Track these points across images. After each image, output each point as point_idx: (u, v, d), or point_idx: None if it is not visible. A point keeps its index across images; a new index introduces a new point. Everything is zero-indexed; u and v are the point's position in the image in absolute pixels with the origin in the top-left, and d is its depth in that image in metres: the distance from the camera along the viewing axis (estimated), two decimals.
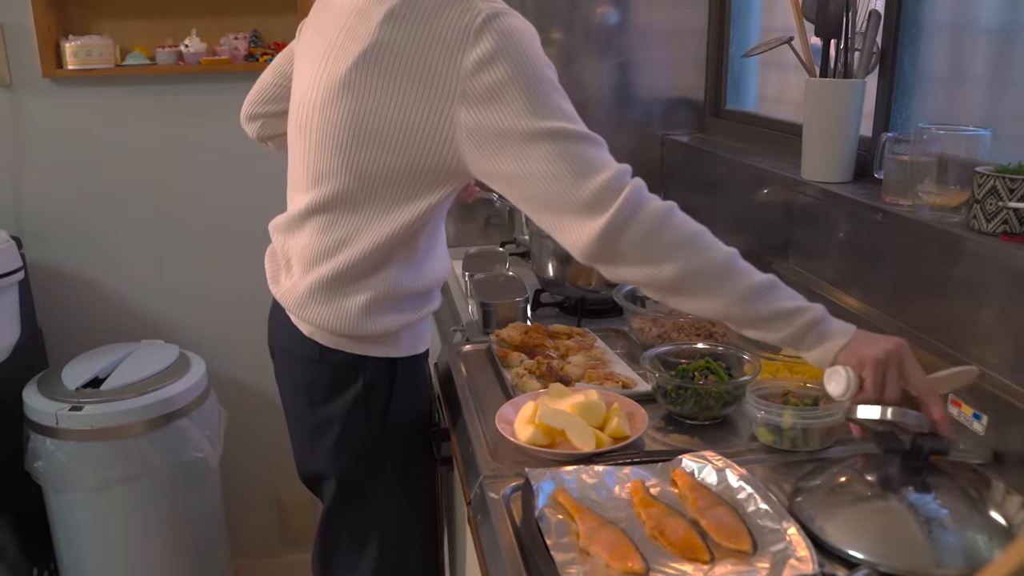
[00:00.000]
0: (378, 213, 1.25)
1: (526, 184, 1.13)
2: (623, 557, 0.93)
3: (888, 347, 1.07)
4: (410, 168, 1.21)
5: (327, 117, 1.23)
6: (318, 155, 1.27)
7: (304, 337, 1.34)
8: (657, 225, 1.10)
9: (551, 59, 1.24)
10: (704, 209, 2.16)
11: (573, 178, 1.09)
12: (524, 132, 1.11)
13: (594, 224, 1.09)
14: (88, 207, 2.38)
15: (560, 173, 1.10)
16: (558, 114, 1.13)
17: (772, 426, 1.20)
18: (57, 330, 2.41)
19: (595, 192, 1.09)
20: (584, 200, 1.09)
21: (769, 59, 2.01)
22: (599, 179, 1.09)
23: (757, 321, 1.12)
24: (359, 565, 1.43)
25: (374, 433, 1.37)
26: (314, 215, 1.30)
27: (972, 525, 0.98)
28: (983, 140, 1.28)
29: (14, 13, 2.20)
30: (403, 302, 1.33)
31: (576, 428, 1.19)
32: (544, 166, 1.11)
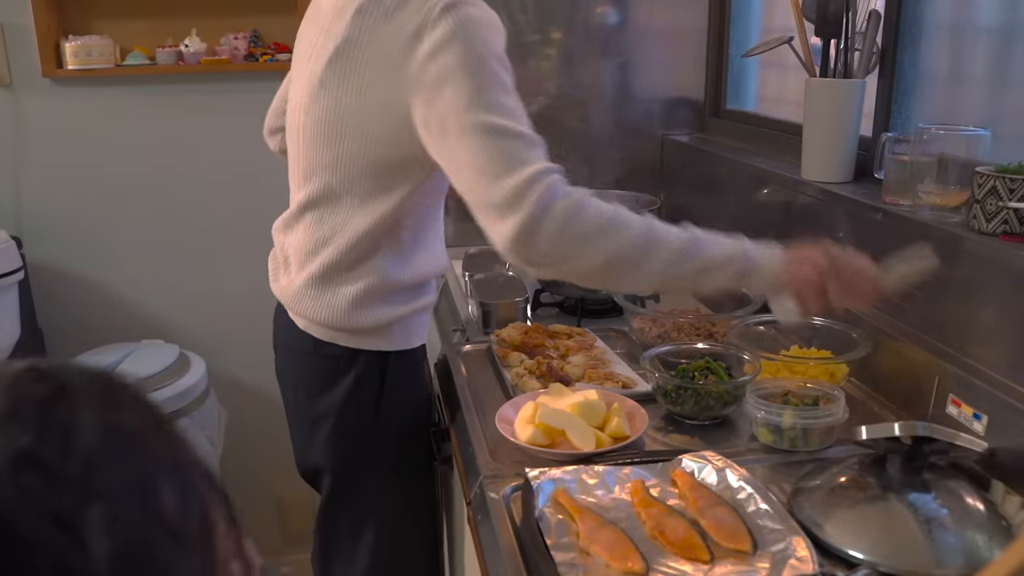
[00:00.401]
0: (359, 205, 1.27)
1: (461, 176, 1.15)
2: (623, 557, 0.93)
3: (818, 261, 1.12)
4: (384, 158, 1.23)
5: (311, 116, 1.27)
6: (306, 154, 1.31)
7: (300, 331, 1.37)
8: (568, 221, 1.09)
9: (550, 59, 1.25)
10: (704, 209, 2.16)
11: (494, 176, 1.09)
12: (461, 122, 1.11)
13: (508, 225, 1.08)
14: (88, 207, 2.38)
15: (484, 169, 1.10)
16: (498, 109, 1.12)
17: (772, 426, 1.20)
18: (57, 330, 2.41)
19: (510, 192, 1.08)
20: (500, 199, 1.09)
21: (769, 59, 2.01)
22: (515, 179, 1.08)
23: (692, 280, 1.15)
24: (356, 559, 1.44)
25: (366, 426, 1.38)
26: (306, 212, 1.33)
27: (972, 525, 0.98)
28: (983, 140, 1.28)
29: (14, 13, 2.20)
30: (393, 295, 1.34)
31: (576, 428, 1.19)
32: (473, 159, 1.11)
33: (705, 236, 1.15)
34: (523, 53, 2.28)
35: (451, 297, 1.97)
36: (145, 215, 2.42)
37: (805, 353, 1.41)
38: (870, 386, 1.38)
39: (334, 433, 1.38)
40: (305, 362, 1.39)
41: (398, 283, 1.34)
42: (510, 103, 1.14)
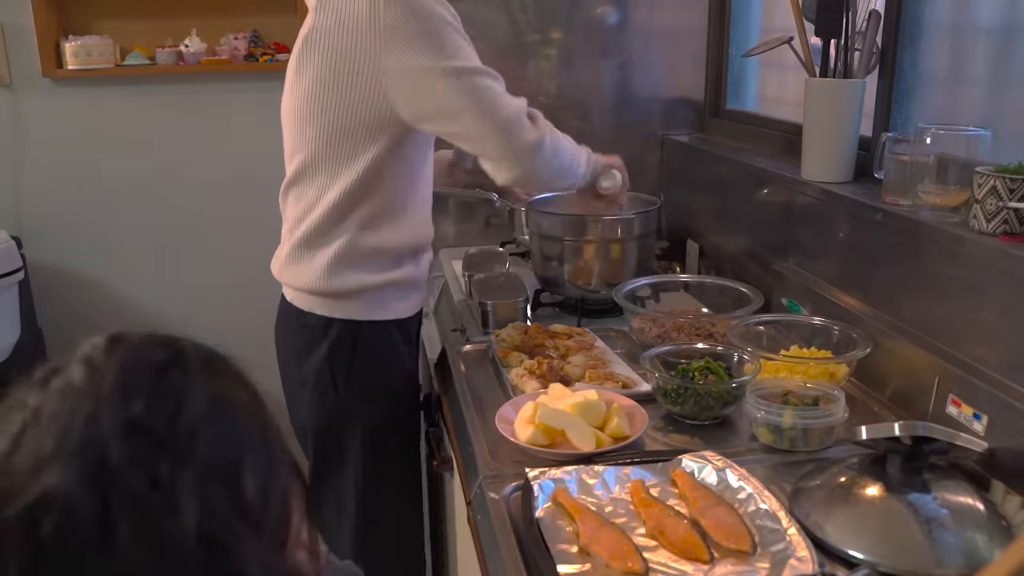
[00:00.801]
0: (332, 175, 1.42)
1: (460, 120, 1.34)
2: (623, 557, 0.93)
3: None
4: (351, 127, 1.38)
5: (292, 101, 1.44)
6: (289, 137, 1.48)
7: (287, 303, 1.51)
8: (557, 147, 1.40)
9: (550, 59, 1.34)
10: (704, 209, 2.16)
11: (492, 112, 1.32)
12: (432, 70, 1.30)
13: (525, 143, 1.34)
14: (88, 207, 2.38)
15: (479, 107, 1.32)
16: (459, 53, 1.32)
17: (772, 426, 1.20)
18: (57, 330, 2.41)
19: (508, 122, 1.32)
20: (511, 125, 1.33)
21: (769, 59, 2.01)
22: (508, 111, 1.33)
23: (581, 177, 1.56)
24: (341, 533, 1.52)
25: (340, 394, 1.47)
26: (291, 189, 1.49)
27: (972, 525, 0.98)
28: (983, 140, 1.27)
29: (14, 13, 2.20)
30: (363, 261, 1.46)
31: (576, 428, 1.19)
32: (463, 101, 1.31)
33: (584, 151, 1.55)
34: (523, 53, 2.28)
35: (451, 297, 1.97)
36: (145, 215, 2.42)
37: (805, 353, 1.40)
38: (870, 386, 1.38)
39: (312, 397, 1.48)
40: (290, 332, 1.51)
41: (368, 249, 1.46)
42: (467, 46, 1.34)
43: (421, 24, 1.30)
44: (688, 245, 2.18)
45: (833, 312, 1.48)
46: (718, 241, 2.07)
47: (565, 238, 1.81)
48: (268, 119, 1.68)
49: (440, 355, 1.67)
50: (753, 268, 1.84)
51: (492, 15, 2.24)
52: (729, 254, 2.00)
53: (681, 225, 2.26)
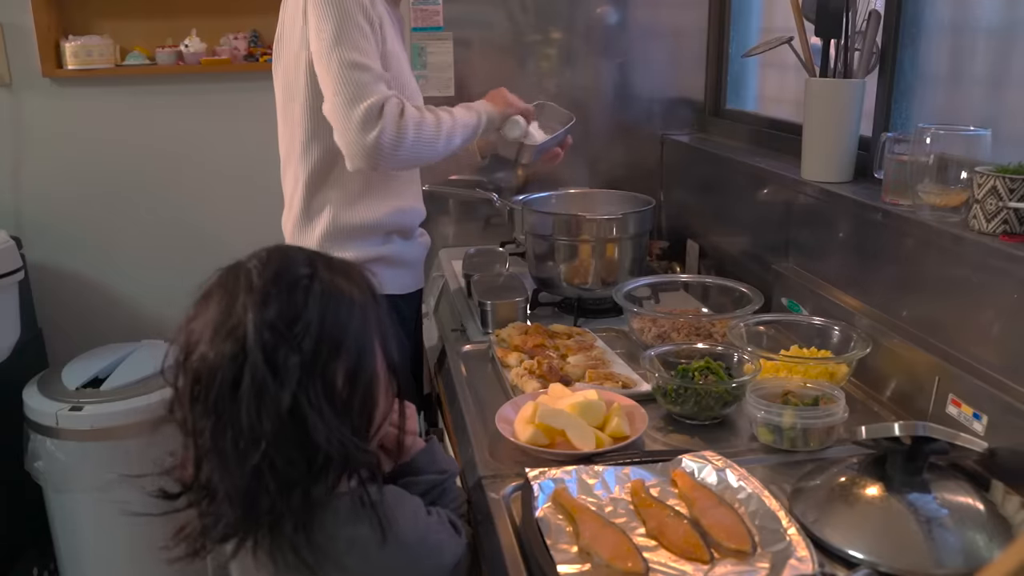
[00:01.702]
0: (303, 154, 1.53)
1: (328, 102, 1.41)
2: (623, 557, 0.93)
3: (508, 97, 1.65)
4: (311, 107, 1.49)
5: (277, 96, 1.60)
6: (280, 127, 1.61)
7: None
8: (408, 132, 1.41)
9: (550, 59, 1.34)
10: (704, 209, 2.16)
11: (350, 100, 1.37)
12: (328, 57, 1.39)
13: (367, 138, 1.37)
14: (88, 207, 2.38)
15: (343, 95, 1.38)
16: (355, 47, 1.40)
17: (772, 426, 1.20)
18: (57, 330, 2.42)
19: (363, 113, 1.37)
20: (357, 120, 1.37)
21: (769, 59, 2.01)
22: (368, 103, 1.37)
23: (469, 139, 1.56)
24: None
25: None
26: (284, 177, 1.62)
27: (972, 525, 0.98)
28: (983, 140, 1.27)
29: (14, 13, 2.20)
30: (346, 239, 1.56)
31: (576, 428, 1.19)
32: (335, 87, 1.39)
33: (453, 111, 1.54)
34: (523, 53, 2.28)
35: (451, 297, 1.97)
36: (145, 215, 2.42)
37: (805, 353, 1.40)
38: (870, 386, 1.38)
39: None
40: None
41: (350, 227, 1.56)
42: (364, 44, 1.41)
43: (331, 10, 1.40)
44: (688, 245, 2.18)
45: (833, 312, 1.48)
46: (718, 241, 2.07)
47: (559, 238, 1.81)
48: (268, 119, 1.68)
49: (440, 355, 1.67)
50: (753, 268, 1.84)
51: (492, 15, 2.25)
52: (729, 254, 2.00)
53: (681, 225, 2.26)
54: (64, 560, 2.19)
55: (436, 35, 2.22)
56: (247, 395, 0.84)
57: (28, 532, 2.25)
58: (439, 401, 1.57)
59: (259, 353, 0.84)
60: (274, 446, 0.84)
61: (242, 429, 0.84)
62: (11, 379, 2.15)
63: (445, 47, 2.23)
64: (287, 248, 0.95)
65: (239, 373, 0.84)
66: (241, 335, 0.85)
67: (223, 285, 0.90)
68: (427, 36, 2.22)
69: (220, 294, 0.89)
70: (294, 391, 0.85)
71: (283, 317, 0.86)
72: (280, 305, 0.87)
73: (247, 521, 0.87)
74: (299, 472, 0.86)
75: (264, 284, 0.88)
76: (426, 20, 2.20)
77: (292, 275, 0.89)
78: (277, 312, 0.86)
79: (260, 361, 0.84)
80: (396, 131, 1.39)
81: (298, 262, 0.91)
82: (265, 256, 0.92)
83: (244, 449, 0.84)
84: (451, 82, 2.24)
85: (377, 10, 1.46)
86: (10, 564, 2.25)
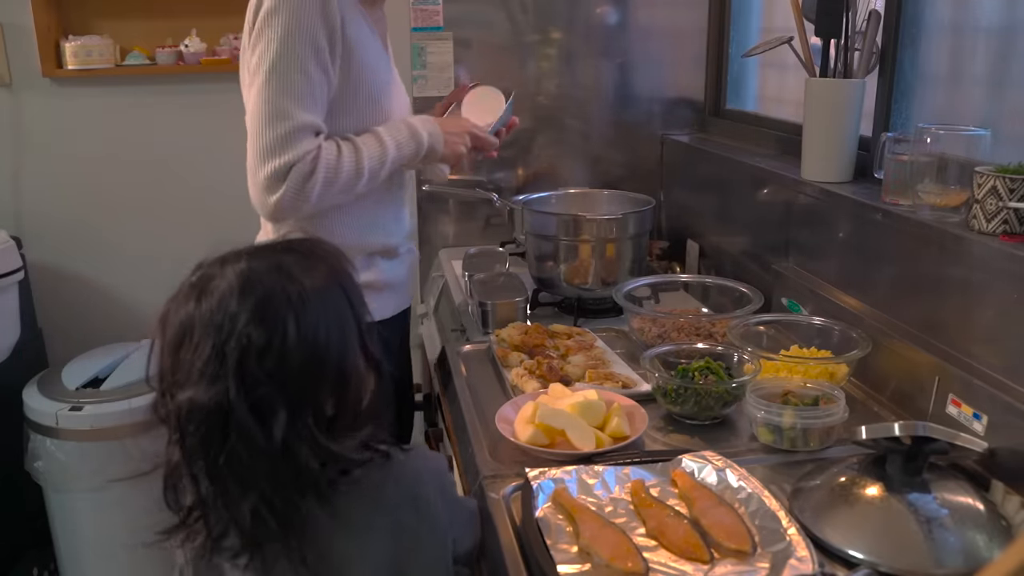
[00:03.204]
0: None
1: (248, 140, 1.36)
2: (623, 557, 0.93)
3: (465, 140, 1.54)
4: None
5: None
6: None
7: None
8: (315, 193, 1.35)
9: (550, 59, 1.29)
10: (704, 209, 2.16)
11: (264, 155, 1.33)
12: (255, 97, 1.34)
13: (272, 197, 1.34)
14: (88, 207, 2.38)
15: (257, 146, 1.34)
16: (285, 91, 1.33)
17: (772, 426, 1.20)
18: (57, 330, 2.41)
19: (271, 173, 1.32)
20: (263, 178, 1.33)
21: (769, 59, 2.01)
22: (277, 162, 1.32)
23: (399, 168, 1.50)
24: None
25: None
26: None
27: (972, 525, 0.98)
28: (983, 140, 1.27)
29: (14, 13, 2.20)
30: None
31: (576, 428, 1.19)
32: (252, 129, 1.35)
33: (395, 148, 1.44)
34: (523, 53, 2.28)
35: (451, 297, 1.97)
36: (145, 215, 2.41)
37: (805, 353, 1.40)
38: (870, 386, 1.38)
39: None
40: None
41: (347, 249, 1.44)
42: (300, 83, 1.33)
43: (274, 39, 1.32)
44: (688, 245, 2.18)
45: (833, 312, 1.48)
46: (718, 241, 2.07)
47: (560, 238, 1.81)
48: None
49: (440, 355, 1.67)
50: (753, 268, 1.84)
51: (492, 15, 2.25)
52: (729, 254, 2.00)
53: (681, 225, 2.26)
54: (64, 560, 2.19)
55: (436, 35, 2.22)
56: (237, 443, 0.84)
57: (28, 532, 2.24)
58: (439, 401, 1.57)
59: (243, 405, 0.83)
60: (270, 484, 0.85)
61: (236, 473, 0.85)
62: (11, 379, 2.15)
63: (445, 47, 2.23)
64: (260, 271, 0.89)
65: (226, 423, 0.84)
66: (223, 388, 0.83)
67: (198, 320, 0.87)
68: (427, 36, 2.22)
69: (199, 331, 0.86)
70: (284, 435, 0.84)
71: (266, 360, 0.84)
72: (262, 346, 0.85)
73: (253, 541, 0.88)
74: (298, 495, 0.87)
75: (246, 327, 0.85)
76: (426, 20, 2.20)
77: (272, 309, 0.86)
78: (259, 355, 0.84)
79: (245, 412, 0.83)
80: (297, 193, 1.33)
81: (274, 287, 0.88)
82: (239, 286, 0.87)
83: (240, 492, 0.85)
84: (451, 82, 2.24)
85: (342, 29, 1.37)
86: (10, 564, 2.25)
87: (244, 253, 0.91)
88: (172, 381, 0.86)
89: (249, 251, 0.92)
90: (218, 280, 0.88)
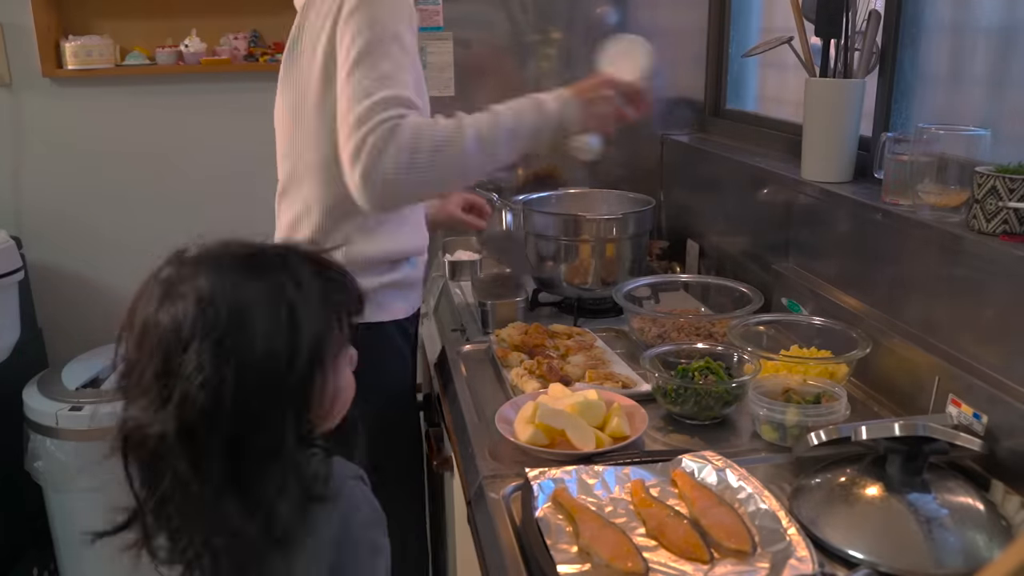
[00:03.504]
0: (319, 184, 1.40)
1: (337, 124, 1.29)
2: (623, 557, 0.93)
3: (608, 94, 1.44)
4: (331, 137, 1.32)
5: (279, 110, 1.46)
6: (279, 145, 1.49)
7: None
8: (407, 160, 1.23)
9: (550, 59, 1.28)
10: (704, 209, 2.16)
11: (351, 123, 1.24)
12: (345, 79, 1.26)
13: (352, 178, 1.25)
14: (88, 207, 2.38)
15: (344, 116, 1.25)
16: (376, 74, 1.25)
17: (775, 423, 1.20)
18: (57, 330, 2.41)
19: (353, 147, 1.23)
20: (347, 158, 1.25)
21: (769, 59, 2.01)
22: (357, 134, 1.23)
23: (529, 146, 1.37)
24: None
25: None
26: (283, 196, 1.48)
27: (972, 525, 0.98)
28: (983, 140, 1.27)
29: (14, 13, 2.20)
30: (360, 270, 1.44)
31: (576, 428, 1.19)
32: (342, 106, 1.27)
33: (512, 116, 1.34)
34: (523, 53, 2.28)
35: (451, 297, 1.97)
36: (145, 214, 2.41)
37: (805, 353, 1.40)
38: (870, 386, 1.38)
39: None
40: None
41: (365, 258, 1.42)
42: (398, 56, 1.27)
43: (371, 41, 1.26)
44: (688, 245, 2.18)
45: (833, 312, 1.48)
46: (718, 241, 2.07)
47: (560, 238, 1.81)
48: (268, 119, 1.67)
49: (440, 355, 1.67)
50: (753, 268, 1.84)
51: (492, 15, 2.24)
52: (729, 254, 2.00)
53: (681, 225, 2.26)
54: (64, 560, 2.19)
55: (436, 35, 2.22)
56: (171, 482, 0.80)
57: (28, 532, 2.24)
58: (439, 401, 1.57)
59: (179, 442, 0.77)
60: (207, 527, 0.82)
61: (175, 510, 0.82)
62: (11, 379, 2.15)
63: (445, 47, 2.23)
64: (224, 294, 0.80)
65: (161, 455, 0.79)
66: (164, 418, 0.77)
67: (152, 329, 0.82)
68: (427, 36, 2.22)
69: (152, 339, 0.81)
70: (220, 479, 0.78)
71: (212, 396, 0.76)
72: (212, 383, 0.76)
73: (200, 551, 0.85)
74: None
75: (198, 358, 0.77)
76: (426, 20, 2.20)
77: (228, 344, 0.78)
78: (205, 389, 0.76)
79: (179, 449, 0.77)
80: (386, 160, 1.23)
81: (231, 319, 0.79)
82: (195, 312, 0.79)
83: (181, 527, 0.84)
84: (451, 82, 2.24)
85: (415, 22, 1.35)
86: (10, 564, 2.25)
87: (213, 264, 0.82)
88: (129, 380, 0.82)
89: (217, 263, 0.83)
90: (183, 288, 0.81)
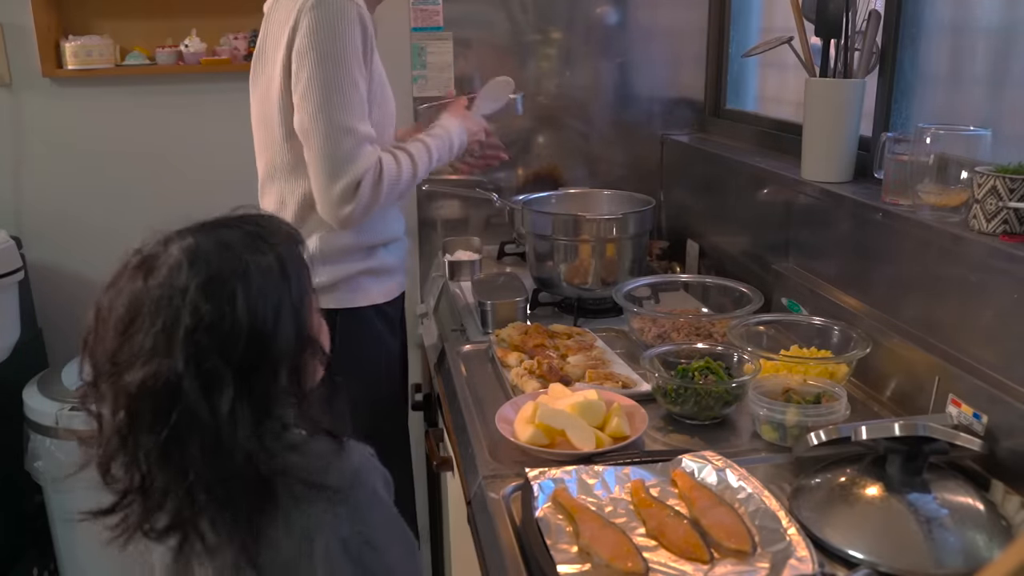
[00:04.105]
0: (290, 176, 1.51)
1: (311, 161, 1.43)
2: (623, 557, 0.93)
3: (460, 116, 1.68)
4: (293, 137, 1.46)
5: (252, 109, 1.58)
6: (255, 139, 1.59)
7: None
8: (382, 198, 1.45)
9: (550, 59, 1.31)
10: (704, 209, 2.16)
11: (331, 173, 1.41)
12: (315, 117, 1.39)
13: (344, 210, 1.43)
14: (88, 207, 2.38)
15: (325, 163, 1.41)
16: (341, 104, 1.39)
17: (775, 423, 1.20)
18: (57, 330, 2.41)
19: (341, 191, 1.41)
20: (334, 196, 1.41)
21: (769, 59, 2.01)
22: (347, 179, 1.40)
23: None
24: None
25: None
26: (263, 188, 1.59)
27: (972, 525, 0.98)
28: (983, 140, 1.27)
29: (14, 13, 2.20)
30: (336, 257, 1.53)
31: (576, 428, 1.19)
32: (320, 150, 1.41)
33: (435, 149, 1.56)
34: (523, 53, 2.28)
35: (451, 297, 1.97)
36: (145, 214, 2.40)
37: (805, 353, 1.40)
38: (870, 386, 1.38)
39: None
40: None
41: (339, 247, 1.53)
42: (356, 99, 1.41)
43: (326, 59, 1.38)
44: (688, 245, 2.18)
45: (833, 312, 1.48)
46: (718, 241, 2.07)
47: (560, 238, 1.81)
48: None
49: (440, 355, 1.67)
50: (753, 268, 1.84)
51: (492, 15, 2.25)
52: (729, 254, 2.00)
53: (681, 225, 2.26)
54: (64, 560, 2.19)
55: (436, 35, 2.22)
56: (180, 419, 0.82)
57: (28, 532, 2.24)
58: (439, 401, 1.57)
59: (191, 378, 0.82)
60: (210, 463, 0.83)
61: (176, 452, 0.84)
62: (11, 379, 2.15)
63: (445, 47, 2.23)
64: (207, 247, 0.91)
65: (172, 399, 0.82)
66: (171, 364, 0.82)
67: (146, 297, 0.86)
68: (427, 36, 2.22)
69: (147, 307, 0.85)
70: (229, 408, 0.83)
71: (214, 333, 0.83)
72: (211, 320, 0.83)
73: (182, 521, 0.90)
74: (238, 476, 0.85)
75: (195, 300, 0.84)
76: (426, 20, 2.20)
77: (220, 283, 0.86)
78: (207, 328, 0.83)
79: (193, 385, 0.82)
80: (368, 204, 1.43)
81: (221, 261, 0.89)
82: (187, 260, 0.88)
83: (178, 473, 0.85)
84: (451, 82, 2.24)
85: (369, 32, 1.44)
86: (10, 564, 2.25)
87: (188, 231, 0.92)
88: (117, 363, 0.85)
89: (194, 228, 0.93)
90: (164, 257, 0.88)
